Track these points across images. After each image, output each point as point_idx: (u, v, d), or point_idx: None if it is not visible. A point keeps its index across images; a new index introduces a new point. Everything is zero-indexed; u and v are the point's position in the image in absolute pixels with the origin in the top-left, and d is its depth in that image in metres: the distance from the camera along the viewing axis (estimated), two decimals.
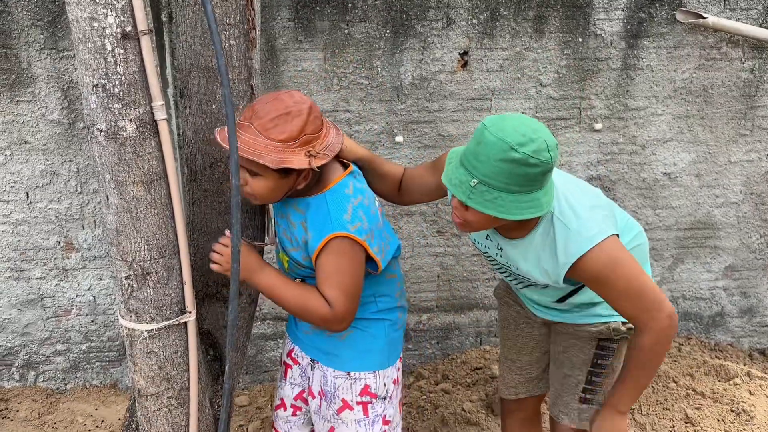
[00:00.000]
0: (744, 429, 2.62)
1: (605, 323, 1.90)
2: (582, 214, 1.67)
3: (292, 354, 1.96)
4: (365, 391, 1.85)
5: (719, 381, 2.90)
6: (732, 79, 2.96)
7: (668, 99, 2.95)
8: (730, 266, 3.23)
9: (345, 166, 1.75)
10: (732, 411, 2.70)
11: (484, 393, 2.87)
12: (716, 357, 3.15)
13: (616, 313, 1.86)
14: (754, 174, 3.10)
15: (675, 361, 3.04)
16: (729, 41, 2.91)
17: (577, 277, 1.67)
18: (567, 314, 1.95)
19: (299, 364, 1.96)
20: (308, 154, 1.56)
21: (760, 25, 2.89)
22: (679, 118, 2.98)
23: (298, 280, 1.80)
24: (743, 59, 2.94)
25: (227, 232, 1.69)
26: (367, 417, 1.86)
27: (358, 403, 1.84)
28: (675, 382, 2.88)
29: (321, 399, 1.89)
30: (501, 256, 1.84)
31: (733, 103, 2.99)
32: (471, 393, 2.87)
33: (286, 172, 1.59)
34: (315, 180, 1.68)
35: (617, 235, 1.68)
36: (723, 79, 2.95)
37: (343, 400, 1.85)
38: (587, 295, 1.85)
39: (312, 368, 1.92)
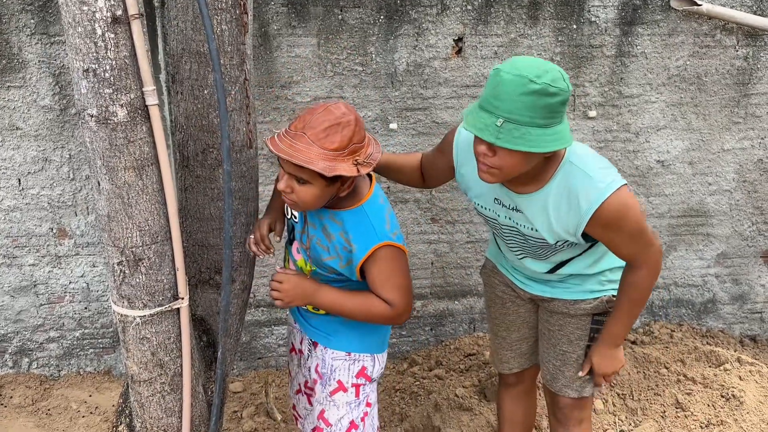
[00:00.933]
0: (734, 414, 2.64)
1: (598, 298, 1.95)
2: (596, 163, 1.75)
3: (299, 345, 2.04)
4: (362, 372, 1.91)
5: (710, 367, 2.92)
6: (726, 67, 2.96)
7: (662, 86, 2.95)
8: (722, 253, 3.24)
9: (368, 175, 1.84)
10: (722, 396, 2.72)
11: (477, 379, 2.89)
12: (707, 343, 3.17)
13: (607, 287, 1.95)
14: (746, 162, 3.11)
15: (666, 347, 3.06)
16: (723, 29, 2.90)
17: (594, 223, 1.71)
18: (559, 289, 1.97)
19: (301, 352, 2.03)
20: (355, 162, 1.64)
21: (755, 13, 2.88)
22: (672, 105, 2.98)
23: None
24: (737, 47, 2.94)
25: (278, 268, 1.81)
26: (358, 399, 1.92)
27: (353, 385, 1.90)
28: (666, 368, 2.91)
29: (315, 383, 1.94)
30: (511, 219, 1.85)
31: (726, 91, 2.99)
32: (464, 379, 2.89)
33: (333, 180, 1.66)
34: (352, 192, 1.76)
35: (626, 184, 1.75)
36: (717, 67, 2.95)
37: (338, 382, 1.90)
38: (578, 265, 1.91)
39: (310, 353, 1.97)
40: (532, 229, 1.82)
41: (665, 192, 3.10)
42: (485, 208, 1.92)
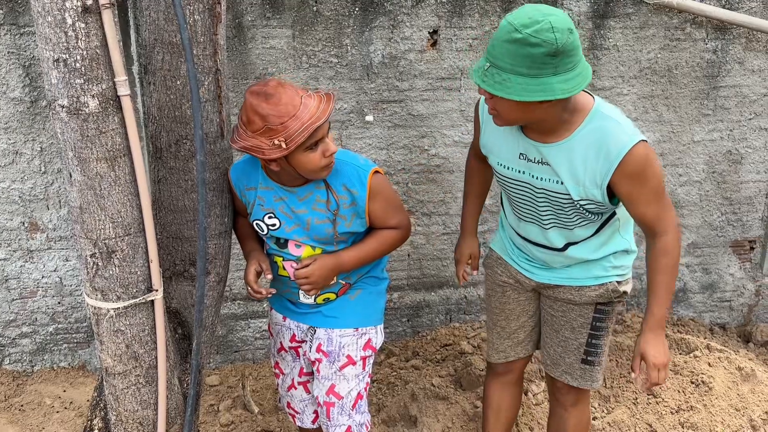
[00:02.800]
0: (703, 399, 2.70)
1: (603, 284, 1.97)
2: (623, 116, 1.79)
3: (296, 338, 2.06)
4: (368, 344, 2.00)
5: (680, 354, 2.98)
6: (695, 60, 3.01)
7: (634, 79, 2.99)
8: (692, 243, 3.31)
9: None
10: (692, 382, 2.78)
11: (453, 368, 2.91)
12: (678, 331, 3.23)
13: (611, 272, 1.97)
14: (716, 153, 3.17)
15: (638, 335, 3.12)
16: (693, 22, 2.95)
17: (621, 173, 1.73)
18: (565, 276, 2.00)
19: (300, 345, 2.07)
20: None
21: (723, 7, 2.93)
22: (644, 98, 3.03)
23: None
24: (706, 40, 2.99)
25: (295, 264, 1.88)
26: (364, 370, 2.00)
27: (361, 357, 1.98)
28: None
29: (319, 362, 1.98)
30: (537, 176, 1.85)
31: (696, 84, 3.05)
32: (440, 369, 2.92)
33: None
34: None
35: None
36: (687, 60, 3.00)
37: (348, 357, 1.97)
38: (586, 248, 1.94)
39: (310, 339, 2.01)
40: (558, 182, 1.81)
41: None
42: (511, 169, 1.90)
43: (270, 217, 1.88)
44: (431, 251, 3.12)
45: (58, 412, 2.77)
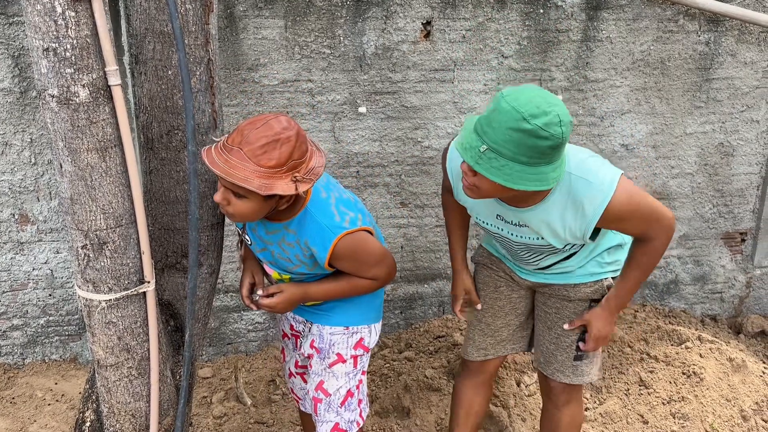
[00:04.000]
0: (694, 390, 2.72)
1: (598, 281, 1.98)
2: (591, 165, 1.75)
3: (294, 328, 2.07)
4: (359, 344, 1.98)
5: (672, 345, 3.00)
6: (688, 52, 3.01)
7: (626, 71, 2.99)
8: (684, 235, 3.32)
9: None
10: (683, 373, 2.80)
11: (446, 360, 2.92)
12: (669, 323, 3.25)
13: (606, 269, 1.98)
14: (708, 145, 3.18)
15: (630, 327, 3.13)
16: (686, 14, 2.95)
17: (603, 221, 1.74)
18: (560, 275, 2.00)
19: (299, 335, 2.07)
20: (294, 179, 1.62)
21: None
22: (636, 90, 3.03)
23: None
24: (699, 32, 2.99)
25: (260, 292, 1.88)
26: (355, 369, 1.99)
27: (351, 356, 1.97)
28: (630, 347, 2.98)
29: (311, 358, 1.99)
30: (516, 234, 1.87)
31: (688, 76, 3.05)
32: (433, 360, 2.92)
33: (271, 195, 1.63)
34: (294, 200, 1.75)
35: (622, 174, 1.78)
36: (680, 52, 3.00)
37: (338, 354, 1.96)
38: (578, 259, 1.94)
39: (305, 333, 2.02)
40: (539, 238, 1.84)
41: (629, 175, 3.16)
42: (488, 224, 1.92)
43: (246, 233, 1.90)
44: (424, 243, 3.12)
45: (49, 404, 2.76)
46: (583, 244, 1.92)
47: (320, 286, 1.86)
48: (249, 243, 1.91)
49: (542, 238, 1.83)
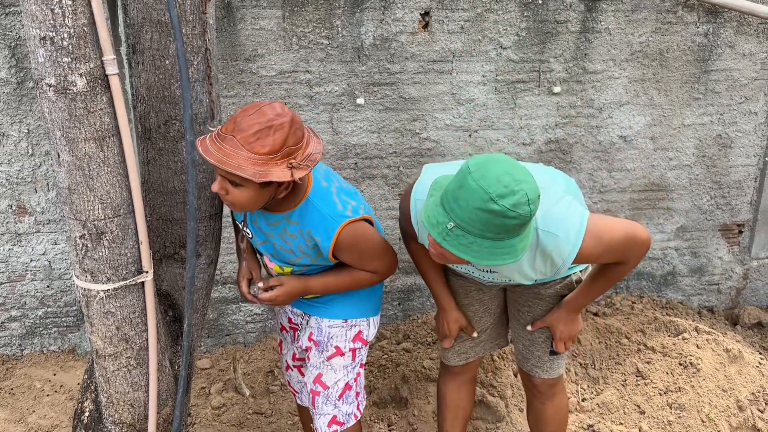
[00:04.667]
0: (691, 380, 2.73)
1: (567, 276, 1.99)
2: (557, 214, 1.72)
3: (292, 321, 2.07)
4: (357, 336, 1.98)
5: (669, 336, 3.01)
6: (687, 43, 3.01)
7: (625, 62, 2.99)
8: (681, 227, 3.33)
9: None
10: (680, 364, 2.81)
11: None
12: (667, 314, 3.26)
13: (575, 267, 1.97)
14: (706, 137, 3.18)
15: (627, 318, 3.14)
16: (685, 5, 2.95)
17: (576, 262, 1.76)
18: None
19: (294, 329, 2.07)
20: (290, 166, 1.60)
21: None
22: (635, 81, 3.03)
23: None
24: (698, 23, 2.99)
25: (260, 284, 1.87)
26: (354, 362, 1.99)
27: (350, 349, 1.97)
28: (627, 338, 2.99)
29: (309, 351, 1.99)
30: (487, 277, 1.90)
31: (687, 67, 3.05)
32: (431, 351, 2.93)
33: (267, 183, 1.62)
34: (294, 189, 1.74)
35: (588, 211, 1.76)
36: (678, 43, 3.00)
37: (336, 347, 1.96)
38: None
39: (303, 325, 2.02)
40: (508, 280, 1.88)
41: (627, 167, 3.16)
42: (458, 267, 1.92)
43: (246, 226, 1.89)
44: None
45: (48, 395, 2.76)
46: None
47: (320, 279, 1.86)
48: (250, 236, 1.90)
49: (512, 281, 1.88)
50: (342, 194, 1.80)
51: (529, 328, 2.05)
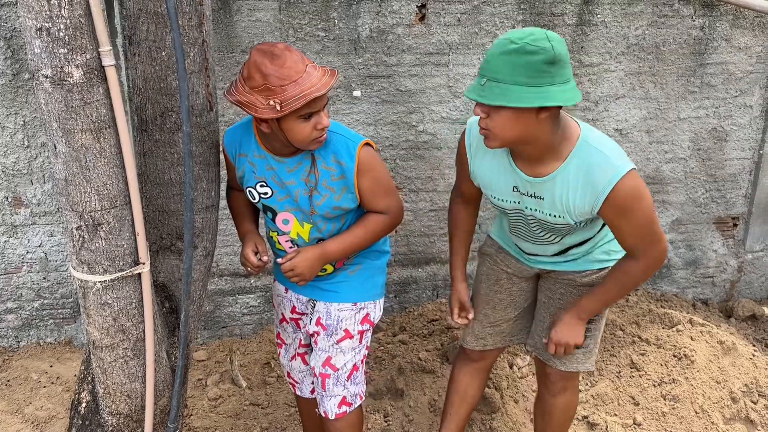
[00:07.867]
0: (685, 372, 2.75)
1: (603, 269, 1.98)
2: (611, 145, 1.77)
3: (297, 310, 2.08)
4: (365, 319, 2.01)
5: (663, 328, 3.03)
6: (683, 37, 3.01)
7: (621, 55, 2.99)
8: (676, 220, 3.34)
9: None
10: (674, 356, 2.83)
11: (440, 343, 2.94)
12: (661, 306, 3.28)
13: (612, 256, 1.98)
14: (701, 130, 3.19)
15: (622, 310, 3.16)
16: None
17: (608, 204, 1.73)
18: (568, 263, 2.00)
19: (300, 318, 2.08)
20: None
21: None
22: (631, 74, 3.04)
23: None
24: (694, 17, 2.99)
25: (279, 260, 1.89)
26: (361, 344, 2.02)
27: (358, 332, 2.00)
28: (622, 330, 3.00)
29: (317, 335, 2.00)
30: (531, 207, 1.86)
31: (683, 61, 3.06)
32: (427, 343, 2.94)
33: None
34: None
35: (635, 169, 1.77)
36: (674, 36, 3.01)
37: (345, 330, 1.98)
38: (588, 246, 1.96)
39: (310, 311, 2.03)
40: (551, 214, 1.83)
41: None
42: (505, 201, 1.91)
43: (262, 186, 1.88)
44: (418, 228, 3.13)
45: (45, 387, 2.77)
46: (592, 236, 1.93)
47: (336, 239, 1.88)
48: (268, 195, 1.88)
49: (554, 216, 1.82)
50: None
51: (543, 340, 2.06)
